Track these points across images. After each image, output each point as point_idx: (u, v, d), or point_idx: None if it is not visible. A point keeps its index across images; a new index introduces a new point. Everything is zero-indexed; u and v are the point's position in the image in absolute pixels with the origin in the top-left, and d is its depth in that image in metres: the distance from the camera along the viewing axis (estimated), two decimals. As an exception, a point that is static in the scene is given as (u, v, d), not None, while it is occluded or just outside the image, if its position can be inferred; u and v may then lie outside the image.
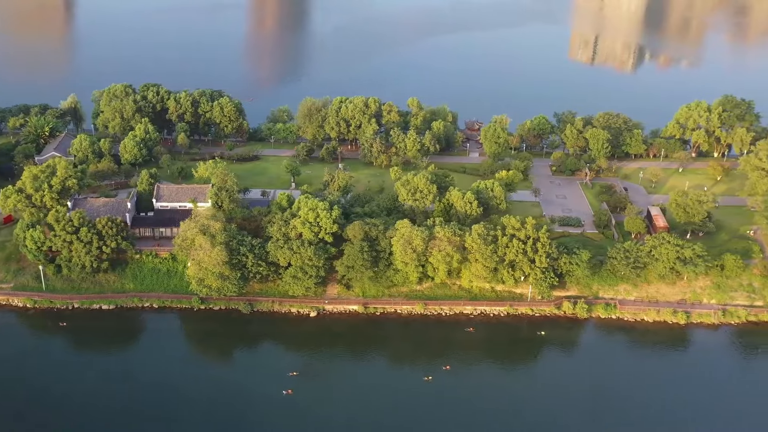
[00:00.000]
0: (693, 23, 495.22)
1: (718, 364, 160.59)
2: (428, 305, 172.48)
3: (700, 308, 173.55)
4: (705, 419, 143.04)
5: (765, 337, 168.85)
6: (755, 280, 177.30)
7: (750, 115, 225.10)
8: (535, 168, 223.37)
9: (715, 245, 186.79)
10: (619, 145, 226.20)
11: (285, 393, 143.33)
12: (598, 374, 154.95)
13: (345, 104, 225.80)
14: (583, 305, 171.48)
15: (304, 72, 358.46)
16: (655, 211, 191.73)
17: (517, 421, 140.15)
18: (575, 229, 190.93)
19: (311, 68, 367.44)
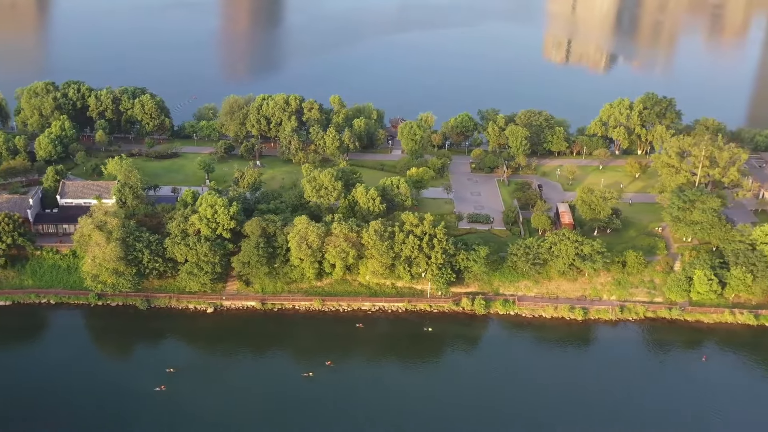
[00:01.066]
0: (665, 25, 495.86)
1: (610, 359, 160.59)
2: (326, 301, 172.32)
3: (599, 304, 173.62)
4: (598, 415, 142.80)
5: (660, 332, 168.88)
6: (657, 277, 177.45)
7: (671, 112, 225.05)
8: (456, 165, 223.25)
9: (622, 242, 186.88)
10: (540, 142, 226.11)
11: (157, 389, 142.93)
12: (485, 369, 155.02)
13: (267, 102, 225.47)
14: (481, 301, 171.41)
15: (257, 70, 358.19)
16: (562, 208, 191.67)
17: (387, 416, 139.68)
18: (483, 226, 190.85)
19: (265, 66, 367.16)
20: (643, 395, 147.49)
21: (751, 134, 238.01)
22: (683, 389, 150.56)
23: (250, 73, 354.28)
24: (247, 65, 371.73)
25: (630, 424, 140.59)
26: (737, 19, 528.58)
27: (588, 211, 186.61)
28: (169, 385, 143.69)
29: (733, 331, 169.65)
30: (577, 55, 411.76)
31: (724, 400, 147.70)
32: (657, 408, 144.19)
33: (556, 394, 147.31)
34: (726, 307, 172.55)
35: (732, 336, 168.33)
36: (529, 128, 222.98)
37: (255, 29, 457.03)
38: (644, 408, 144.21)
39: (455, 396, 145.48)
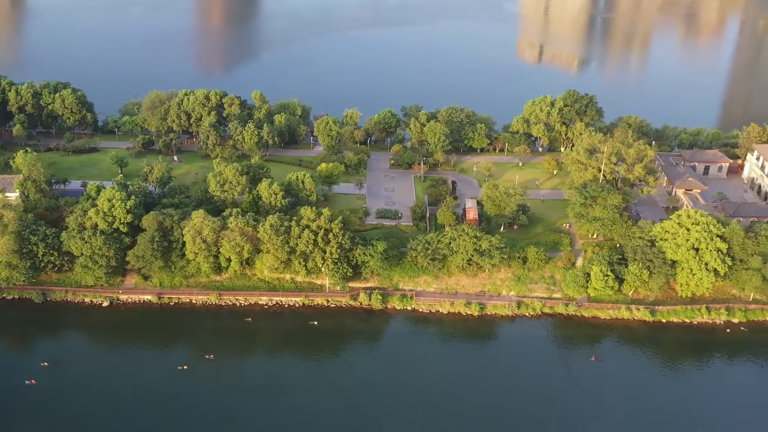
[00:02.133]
0: (637, 24, 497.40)
1: (500, 354, 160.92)
2: (223, 295, 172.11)
3: (497, 300, 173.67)
4: (491, 408, 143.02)
5: (555, 328, 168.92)
6: (557, 273, 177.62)
7: (591, 110, 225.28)
8: (376, 162, 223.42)
9: (528, 238, 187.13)
10: (461, 139, 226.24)
11: (27, 383, 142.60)
12: (370, 363, 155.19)
13: (188, 97, 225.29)
14: (377, 296, 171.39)
15: (209, 67, 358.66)
16: (469, 204, 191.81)
17: (259, 408, 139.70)
18: (391, 222, 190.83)
19: (217, 63, 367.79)
20: (528, 392, 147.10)
21: (675, 132, 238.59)
22: (568, 387, 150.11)
23: (203, 70, 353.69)
24: (202, 62, 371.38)
25: (514, 422, 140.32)
26: (711, 19, 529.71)
27: (493, 207, 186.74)
28: (42, 380, 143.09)
29: (629, 327, 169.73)
30: (540, 54, 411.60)
31: (613, 395, 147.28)
32: (538, 407, 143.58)
33: (439, 390, 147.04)
34: (624, 303, 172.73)
35: (627, 332, 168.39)
36: (450, 125, 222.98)
37: (216, 27, 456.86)
38: (525, 407, 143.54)
39: (333, 391, 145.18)
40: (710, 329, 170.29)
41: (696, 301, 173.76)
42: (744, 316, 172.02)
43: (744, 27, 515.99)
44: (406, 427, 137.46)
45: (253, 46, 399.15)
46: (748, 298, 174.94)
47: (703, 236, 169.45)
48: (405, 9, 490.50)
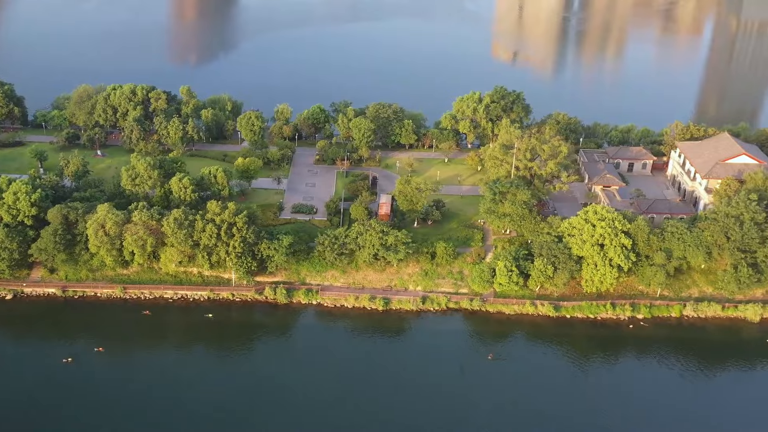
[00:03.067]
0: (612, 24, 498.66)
1: (399, 349, 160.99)
2: (128, 289, 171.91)
3: (402, 295, 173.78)
4: (383, 405, 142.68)
5: (458, 323, 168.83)
6: (466, 268, 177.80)
7: (518, 106, 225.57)
8: (303, 157, 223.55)
9: (441, 233, 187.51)
10: (388, 135, 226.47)
11: None
12: (264, 356, 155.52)
13: (115, 91, 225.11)
14: (282, 290, 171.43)
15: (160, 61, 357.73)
16: (383, 199, 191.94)
17: (144, 400, 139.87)
18: (305, 216, 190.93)
19: (164, 59, 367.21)
20: (419, 390, 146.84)
21: (606, 129, 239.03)
22: (460, 385, 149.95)
23: (153, 65, 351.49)
24: (159, 57, 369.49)
25: (405, 417, 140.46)
26: (686, 18, 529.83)
27: (405, 203, 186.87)
28: None
29: (533, 322, 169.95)
30: (515, 55, 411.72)
31: (509, 394, 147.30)
32: (428, 406, 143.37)
33: (331, 386, 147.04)
34: (529, 299, 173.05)
35: (530, 327, 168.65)
36: (377, 121, 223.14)
37: (174, 23, 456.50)
38: (413, 406, 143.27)
39: (221, 384, 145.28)
40: (614, 325, 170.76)
41: (603, 297, 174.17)
42: (649, 312, 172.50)
43: (718, 25, 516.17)
44: (295, 421, 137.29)
45: (208, 41, 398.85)
46: (655, 294, 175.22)
47: (608, 232, 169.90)
48: (371, 7, 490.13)
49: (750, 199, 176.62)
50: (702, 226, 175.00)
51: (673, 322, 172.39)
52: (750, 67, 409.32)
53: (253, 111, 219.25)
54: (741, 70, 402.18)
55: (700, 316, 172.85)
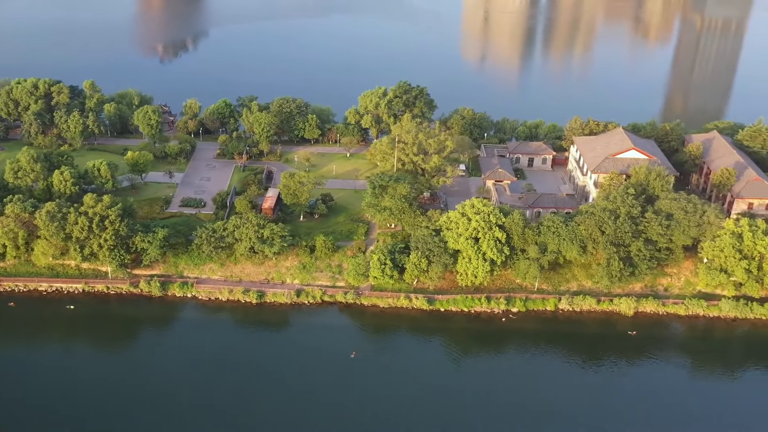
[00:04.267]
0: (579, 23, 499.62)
1: (269, 343, 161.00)
2: (2, 281, 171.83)
3: (278, 288, 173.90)
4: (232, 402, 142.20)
5: (330, 317, 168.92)
6: (345, 261, 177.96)
7: (420, 101, 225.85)
8: (206, 151, 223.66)
9: (326, 227, 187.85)
10: (291, 129, 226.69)
11: None
12: (124, 349, 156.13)
13: (19, 85, 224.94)
14: (156, 283, 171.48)
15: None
16: (270, 193, 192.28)
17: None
18: (192, 210, 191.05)
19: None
20: (274, 387, 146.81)
21: (514, 125, 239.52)
22: (324, 382, 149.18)
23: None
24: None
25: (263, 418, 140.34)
26: (654, 18, 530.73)
27: (289, 196, 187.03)
28: None
29: (406, 315, 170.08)
30: (482, 56, 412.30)
31: (374, 386, 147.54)
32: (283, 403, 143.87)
33: (187, 375, 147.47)
34: (406, 292, 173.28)
35: (402, 320, 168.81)
36: (280, 115, 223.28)
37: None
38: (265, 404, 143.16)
39: (77, 375, 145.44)
40: (488, 318, 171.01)
41: (481, 291, 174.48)
42: (524, 305, 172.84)
43: (684, 24, 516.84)
44: (149, 417, 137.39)
45: (143, 36, 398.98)
46: (533, 287, 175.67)
47: (482, 226, 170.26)
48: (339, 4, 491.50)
49: (627, 193, 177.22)
50: (578, 220, 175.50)
51: (548, 315, 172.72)
52: (714, 65, 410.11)
53: (150, 106, 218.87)
54: (705, 68, 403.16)
55: (575, 310, 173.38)
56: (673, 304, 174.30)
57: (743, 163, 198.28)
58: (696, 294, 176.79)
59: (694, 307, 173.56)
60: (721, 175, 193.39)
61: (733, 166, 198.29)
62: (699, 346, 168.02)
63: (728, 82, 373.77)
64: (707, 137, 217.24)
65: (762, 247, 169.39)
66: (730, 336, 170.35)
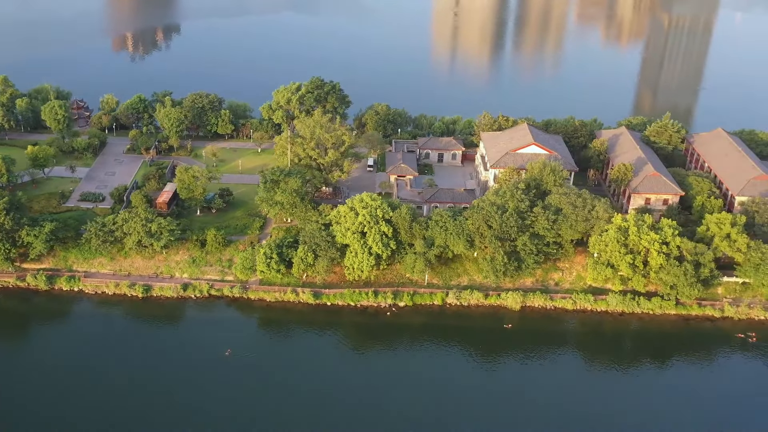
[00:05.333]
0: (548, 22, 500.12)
1: (156, 338, 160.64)
2: None
3: (164, 282, 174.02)
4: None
5: (216, 311, 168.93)
6: (236, 256, 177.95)
7: (332, 97, 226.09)
8: (117, 146, 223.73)
9: (223, 221, 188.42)
10: (204, 124, 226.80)
11: None
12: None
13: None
14: (42, 277, 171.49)
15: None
16: (168, 187, 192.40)
17: None
18: (89, 204, 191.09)
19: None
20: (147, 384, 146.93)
21: (432, 121, 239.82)
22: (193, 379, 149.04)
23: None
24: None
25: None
26: (626, 17, 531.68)
27: (184, 191, 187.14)
28: None
29: (292, 309, 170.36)
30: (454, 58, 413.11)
31: (247, 383, 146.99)
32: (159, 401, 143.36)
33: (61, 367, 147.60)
34: (293, 286, 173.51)
35: (289, 314, 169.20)
36: (193, 111, 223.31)
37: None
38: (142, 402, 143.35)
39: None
40: (374, 312, 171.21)
41: (370, 285, 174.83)
42: (411, 299, 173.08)
43: (652, 22, 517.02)
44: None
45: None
46: (423, 282, 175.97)
47: (367, 220, 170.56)
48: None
49: (517, 188, 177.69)
50: (467, 214, 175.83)
51: (435, 309, 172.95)
52: (682, 63, 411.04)
53: (57, 101, 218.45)
54: (673, 66, 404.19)
55: (462, 304, 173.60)
56: (561, 299, 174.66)
57: (644, 159, 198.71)
58: (586, 289, 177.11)
59: (582, 301, 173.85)
60: (618, 170, 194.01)
61: (635, 161, 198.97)
62: (581, 339, 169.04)
63: (695, 79, 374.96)
64: (616, 133, 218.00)
65: (647, 242, 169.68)
66: (616, 330, 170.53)
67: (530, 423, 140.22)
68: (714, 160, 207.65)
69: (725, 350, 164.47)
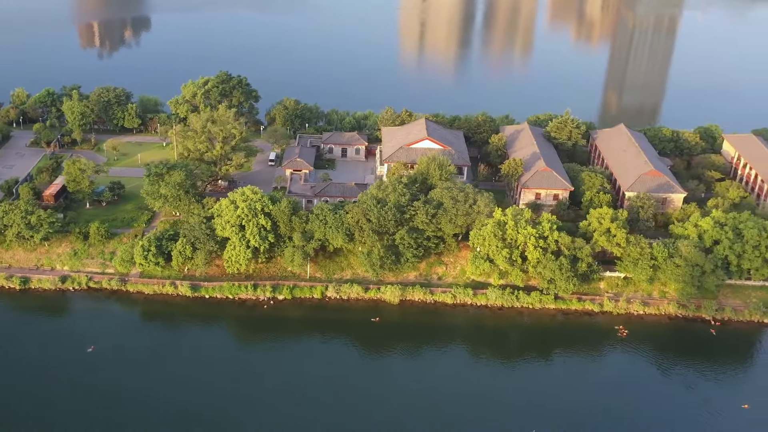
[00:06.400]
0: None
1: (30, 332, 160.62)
2: None
3: (43, 274, 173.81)
4: None
5: (92, 303, 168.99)
6: (120, 248, 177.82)
7: (238, 91, 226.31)
8: (21, 139, 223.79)
9: (112, 214, 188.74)
10: (110, 118, 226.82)
11: None
12: None
13: None
14: None
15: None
16: (58, 180, 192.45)
17: None
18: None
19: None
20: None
21: (342, 116, 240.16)
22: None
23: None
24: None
25: None
26: (595, 15, 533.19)
27: (72, 183, 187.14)
28: None
29: (172, 302, 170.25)
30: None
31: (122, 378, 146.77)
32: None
33: None
34: (173, 279, 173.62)
35: (166, 307, 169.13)
36: (99, 104, 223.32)
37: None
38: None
39: None
40: (252, 305, 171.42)
41: (251, 278, 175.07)
42: (290, 292, 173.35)
43: (620, 23, 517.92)
44: None
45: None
46: (306, 275, 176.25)
47: (246, 213, 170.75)
48: None
49: (399, 182, 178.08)
50: (347, 208, 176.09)
51: (315, 303, 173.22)
52: (647, 62, 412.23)
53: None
54: (638, 65, 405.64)
55: (342, 298, 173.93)
56: (442, 293, 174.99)
57: (537, 154, 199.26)
58: (468, 283, 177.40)
59: (461, 295, 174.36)
60: (508, 165, 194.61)
61: (530, 156, 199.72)
62: (460, 333, 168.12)
63: (661, 78, 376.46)
64: (517, 129, 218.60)
65: (523, 237, 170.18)
66: (496, 324, 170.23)
67: (406, 418, 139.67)
68: (611, 155, 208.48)
69: (599, 345, 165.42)
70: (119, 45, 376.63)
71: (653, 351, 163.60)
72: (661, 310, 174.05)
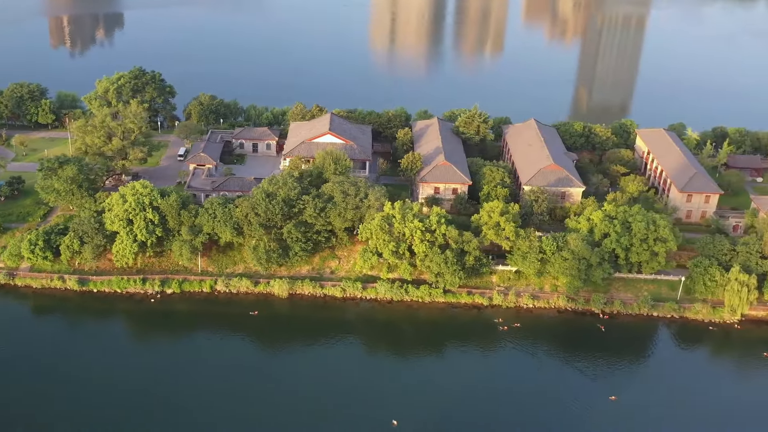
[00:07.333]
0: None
1: None
2: None
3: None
4: None
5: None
6: (10, 242, 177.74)
7: (151, 87, 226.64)
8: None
9: (10, 209, 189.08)
10: (24, 114, 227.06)
11: None
12: None
13: None
14: None
15: None
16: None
17: None
18: None
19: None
20: None
21: (260, 111, 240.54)
22: None
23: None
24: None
25: None
26: (568, 18, 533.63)
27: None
28: None
29: (59, 296, 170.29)
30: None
31: None
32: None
33: None
34: (63, 273, 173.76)
35: (53, 301, 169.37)
36: (12, 100, 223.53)
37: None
38: None
39: None
40: (140, 299, 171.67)
41: (141, 272, 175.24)
42: (179, 286, 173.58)
43: (590, 21, 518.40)
44: None
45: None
46: (197, 269, 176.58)
47: (133, 207, 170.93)
48: None
49: (290, 176, 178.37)
50: (237, 202, 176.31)
51: (203, 296, 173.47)
52: (617, 60, 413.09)
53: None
54: (607, 62, 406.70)
55: (232, 291, 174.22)
56: (331, 287, 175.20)
57: (440, 148, 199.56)
58: (360, 277, 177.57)
59: (351, 289, 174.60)
60: (406, 159, 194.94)
61: (433, 151, 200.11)
62: (348, 327, 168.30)
63: (629, 75, 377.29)
64: (427, 123, 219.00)
65: (410, 230, 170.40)
66: (386, 318, 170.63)
67: (302, 413, 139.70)
68: (517, 150, 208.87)
69: (484, 338, 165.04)
70: (58, 41, 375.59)
71: (537, 344, 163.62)
72: (551, 303, 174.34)
